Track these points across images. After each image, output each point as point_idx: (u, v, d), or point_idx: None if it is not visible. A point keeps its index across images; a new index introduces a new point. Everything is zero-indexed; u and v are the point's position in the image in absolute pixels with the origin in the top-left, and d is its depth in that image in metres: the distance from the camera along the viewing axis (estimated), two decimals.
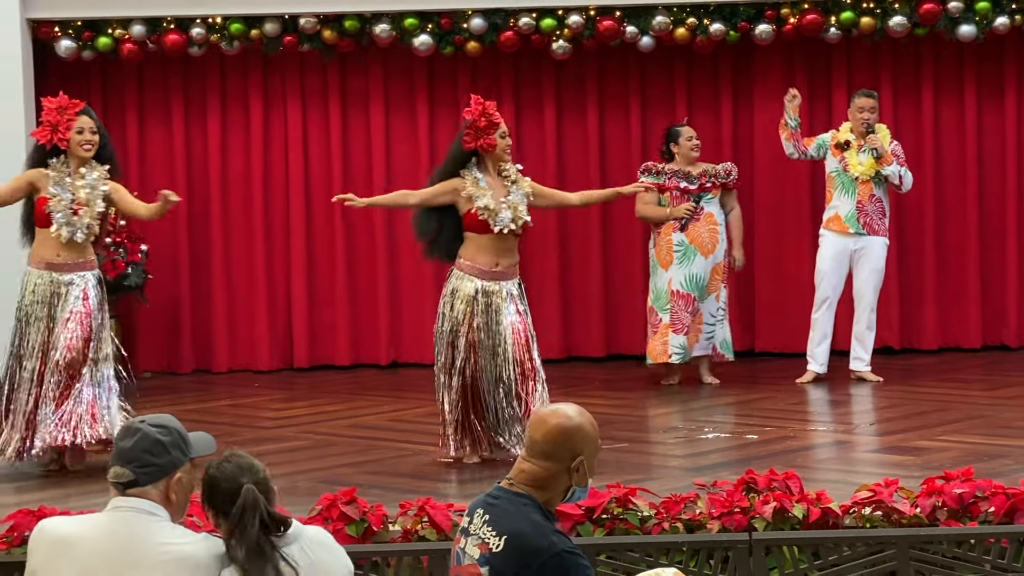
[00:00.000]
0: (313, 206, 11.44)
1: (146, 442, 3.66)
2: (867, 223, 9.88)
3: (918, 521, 5.84)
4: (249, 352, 11.43)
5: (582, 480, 3.69)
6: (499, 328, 7.54)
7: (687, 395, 9.79)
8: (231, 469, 3.71)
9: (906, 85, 11.32)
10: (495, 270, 7.66)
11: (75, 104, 7.81)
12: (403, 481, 7.23)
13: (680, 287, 9.93)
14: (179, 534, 3.65)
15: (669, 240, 9.99)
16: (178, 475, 3.68)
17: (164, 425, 3.71)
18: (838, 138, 9.97)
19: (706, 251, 9.97)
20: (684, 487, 6.34)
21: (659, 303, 10.01)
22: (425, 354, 11.35)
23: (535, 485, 3.67)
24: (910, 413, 8.83)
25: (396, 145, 11.43)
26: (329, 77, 11.38)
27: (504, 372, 7.51)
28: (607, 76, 11.42)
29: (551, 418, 3.72)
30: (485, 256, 7.66)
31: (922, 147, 11.26)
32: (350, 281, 11.44)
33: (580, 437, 3.69)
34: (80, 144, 7.73)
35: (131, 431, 3.70)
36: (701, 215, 10.00)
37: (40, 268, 7.75)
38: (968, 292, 11.29)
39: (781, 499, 5.84)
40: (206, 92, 11.39)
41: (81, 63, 11.06)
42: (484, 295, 7.59)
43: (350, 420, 9.15)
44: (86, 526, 3.68)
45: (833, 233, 9.94)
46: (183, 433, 3.74)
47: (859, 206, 9.87)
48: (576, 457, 3.66)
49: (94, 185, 7.75)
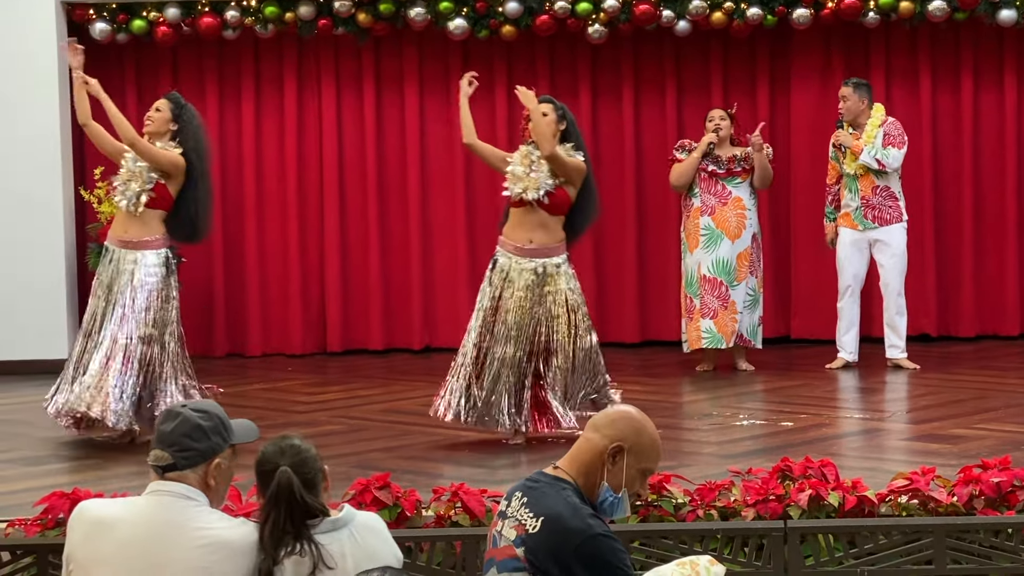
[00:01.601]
0: (347, 190, 11.47)
1: (186, 426, 3.67)
2: (876, 216, 9.88)
3: (955, 510, 5.83)
4: (282, 336, 11.47)
5: (615, 478, 3.66)
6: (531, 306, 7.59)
7: (721, 382, 9.79)
8: (271, 451, 3.73)
9: (945, 71, 11.26)
10: (528, 247, 7.70)
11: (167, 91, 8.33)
12: (436, 466, 7.25)
13: (708, 271, 9.95)
14: (216, 518, 3.67)
15: (696, 223, 10.02)
16: (217, 460, 3.70)
17: (205, 410, 3.72)
18: (838, 138, 9.99)
19: (733, 235, 9.96)
20: (719, 474, 6.34)
21: (691, 288, 10.05)
22: (459, 339, 11.34)
23: (575, 463, 3.69)
24: (947, 401, 8.81)
25: (431, 129, 11.45)
26: (364, 61, 11.40)
27: (520, 350, 7.57)
28: (643, 60, 11.41)
29: (621, 406, 3.80)
30: (518, 231, 7.74)
31: (961, 133, 11.21)
32: (384, 265, 11.46)
33: (633, 427, 3.70)
34: (144, 119, 8.10)
35: (172, 415, 3.71)
36: (729, 199, 9.99)
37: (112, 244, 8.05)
38: (1006, 279, 11.24)
39: (817, 487, 5.83)
40: (240, 75, 11.42)
41: (116, 46, 11.11)
42: (515, 271, 7.66)
43: (383, 405, 9.17)
44: (125, 509, 3.71)
45: (845, 228, 9.99)
46: (224, 419, 3.75)
47: (864, 201, 9.87)
48: (615, 442, 3.66)
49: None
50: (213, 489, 3.70)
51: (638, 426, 3.70)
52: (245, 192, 11.44)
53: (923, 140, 11.14)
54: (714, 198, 10.02)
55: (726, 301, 9.96)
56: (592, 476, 3.68)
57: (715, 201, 10.01)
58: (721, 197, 10.00)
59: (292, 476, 3.65)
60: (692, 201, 10.11)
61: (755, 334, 10.16)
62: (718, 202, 10.01)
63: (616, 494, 3.67)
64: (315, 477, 3.73)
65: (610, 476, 3.66)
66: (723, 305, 9.95)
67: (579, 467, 3.69)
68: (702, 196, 10.03)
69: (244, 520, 3.73)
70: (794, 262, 11.30)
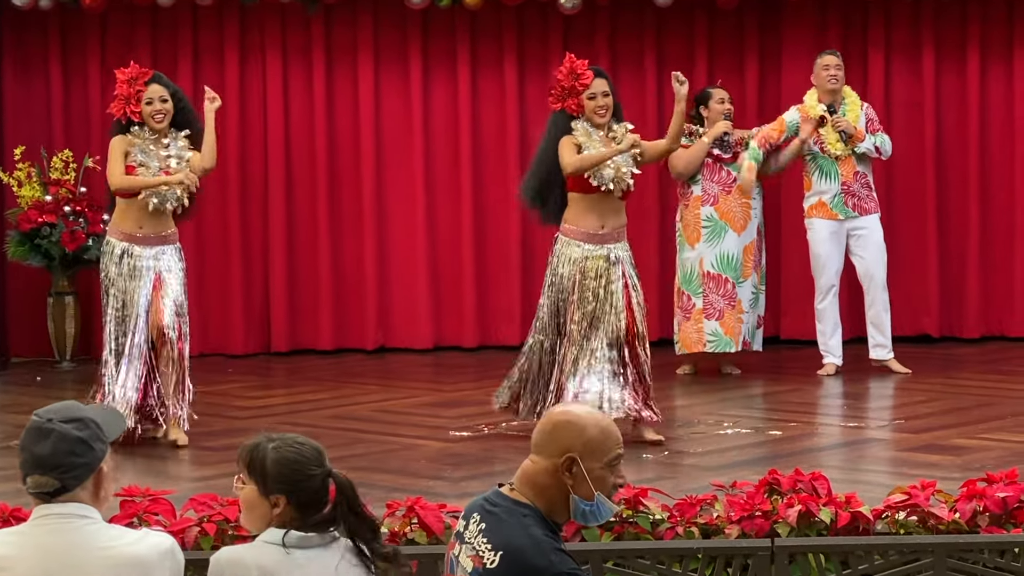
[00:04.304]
0: (294, 173, 11.45)
1: (66, 443, 3.57)
2: (857, 204, 9.92)
3: (957, 527, 5.87)
4: (222, 334, 11.44)
5: (581, 488, 3.65)
6: (607, 294, 7.98)
7: (704, 386, 9.82)
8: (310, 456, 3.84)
9: (950, 46, 11.31)
10: (601, 232, 8.02)
11: (144, 73, 8.38)
12: (391, 478, 7.26)
13: (712, 267, 9.89)
14: (116, 534, 3.63)
15: (697, 214, 9.95)
16: (103, 468, 3.65)
17: (77, 418, 3.61)
18: (808, 114, 9.92)
19: (738, 227, 9.93)
20: (700, 488, 6.37)
21: (691, 286, 9.95)
22: (415, 339, 11.42)
23: (530, 486, 3.68)
24: (949, 408, 8.86)
25: (386, 107, 11.43)
26: (313, 31, 11.38)
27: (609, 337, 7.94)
28: (620, 32, 11.42)
29: (553, 412, 3.75)
30: (589, 217, 8.05)
31: (967, 115, 11.27)
32: (334, 257, 11.45)
33: (574, 432, 3.66)
34: (151, 115, 8.27)
35: (42, 432, 3.58)
36: (733, 187, 9.94)
37: (120, 240, 8.29)
38: (1015, 276, 11.29)
39: (807, 502, 5.87)
40: (176, 46, 11.39)
41: (38, 13, 11.05)
42: (592, 259, 8.01)
43: (333, 410, 9.18)
44: (13, 544, 3.60)
45: (821, 219, 9.95)
46: (96, 420, 3.64)
47: (844, 188, 9.89)
48: (563, 455, 3.65)
49: (180, 155, 8.33)
50: (103, 499, 3.67)
51: (577, 427, 3.68)
52: None
53: (926, 122, 11.20)
54: (717, 186, 9.95)
55: (732, 300, 9.89)
56: (552, 498, 3.66)
57: (718, 189, 9.95)
58: (725, 185, 9.94)
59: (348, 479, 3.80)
60: (691, 189, 10.00)
61: (755, 335, 10.11)
62: (721, 190, 9.95)
63: (590, 501, 3.67)
64: None
65: (576, 487, 3.66)
66: (730, 304, 9.88)
67: (535, 490, 3.67)
68: (703, 184, 9.94)
69: (147, 531, 3.72)
70: (783, 258, 11.29)
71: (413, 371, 10.59)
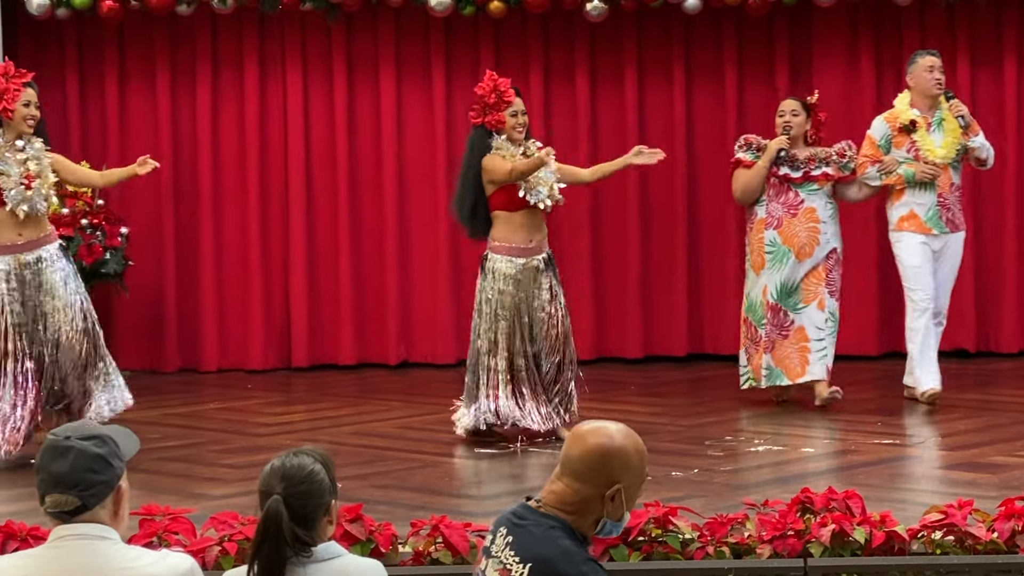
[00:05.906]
0: (314, 185, 11.48)
1: (84, 459, 3.59)
2: (950, 219, 9.44)
3: (995, 548, 5.85)
4: (241, 349, 11.48)
5: (616, 512, 3.67)
6: (537, 305, 8.45)
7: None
8: (270, 472, 3.69)
9: (986, 53, 11.31)
10: (530, 246, 8.52)
11: (22, 73, 8.23)
12: (415, 496, 7.27)
13: (771, 297, 9.40)
14: (134, 555, 3.64)
15: (760, 238, 9.46)
16: (122, 486, 3.66)
17: (95, 435, 3.64)
18: (900, 120, 9.44)
19: (803, 254, 9.37)
20: (731, 506, 6.37)
21: (755, 315, 9.47)
22: (438, 353, 11.42)
23: (564, 509, 3.68)
24: (986, 425, 8.84)
25: (408, 119, 11.46)
26: (334, 40, 11.42)
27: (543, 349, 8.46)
28: (647, 41, 11.44)
29: (591, 436, 3.70)
30: (520, 233, 8.49)
31: (1004, 124, 11.25)
32: (356, 270, 11.48)
33: (621, 463, 3.67)
34: (25, 118, 8.15)
35: (60, 450, 3.60)
36: (800, 210, 9.42)
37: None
38: None
39: (840, 521, 5.86)
40: (195, 56, 11.43)
41: (55, 22, 11.12)
42: (523, 273, 8.44)
43: (355, 427, 9.19)
44: (30, 567, 3.61)
45: (912, 232, 9.41)
46: (114, 437, 3.68)
47: (941, 201, 9.39)
48: (613, 485, 3.66)
49: (39, 157, 8.16)
50: (121, 518, 3.68)
51: (622, 457, 3.68)
52: (200, 188, 11.45)
53: None
54: (782, 207, 9.42)
55: (787, 330, 9.40)
56: (585, 516, 3.68)
57: (783, 211, 9.42)
58: (791, 207, 9.41)
59: (281, 507, 3.63)
60: (756, 211, 9.53)
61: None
62: (786, 212, 9.41)
63: (617, 520, 3.70)
64: (314, 511, 3.68)
65: (611, 511, 3.68)
66: (782, 335, 9.39)
67: (566, 510, 3.68)
68: (768, 205, 9.44)
69: (167, 552, 3.73)
70: None
71: (435, 386, 10.59)
